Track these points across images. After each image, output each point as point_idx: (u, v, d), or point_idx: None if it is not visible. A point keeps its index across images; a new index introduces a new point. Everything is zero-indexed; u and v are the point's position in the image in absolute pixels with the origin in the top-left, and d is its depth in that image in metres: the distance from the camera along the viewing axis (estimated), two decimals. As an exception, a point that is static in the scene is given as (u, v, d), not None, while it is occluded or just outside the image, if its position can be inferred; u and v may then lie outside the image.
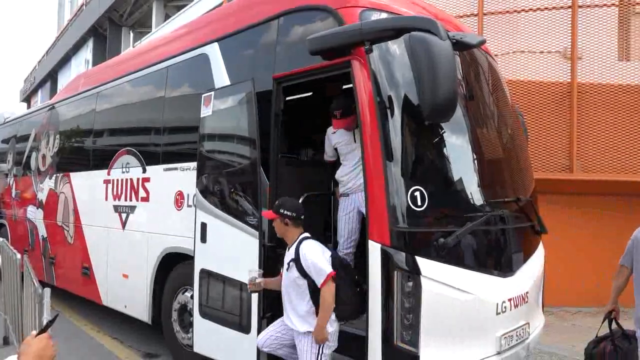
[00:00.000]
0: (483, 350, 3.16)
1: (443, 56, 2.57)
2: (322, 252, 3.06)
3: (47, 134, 7.55)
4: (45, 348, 1.39)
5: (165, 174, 4.74)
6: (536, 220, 3.88)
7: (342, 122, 3.81)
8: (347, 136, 3.86)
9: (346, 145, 3.87)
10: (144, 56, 5.69)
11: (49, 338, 1.43)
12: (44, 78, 30.27)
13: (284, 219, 3.16)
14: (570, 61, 6.83)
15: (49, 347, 1.40)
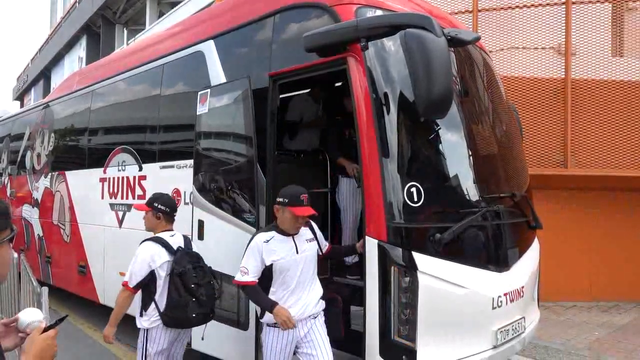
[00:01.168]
0: (479, 345, 3.19)
1: (438, 53, 2.59)
2: (148, 260, 3.05)
3: (41, 133, 7.52)
4: (48, 348, 1.38)
5: (162, 171, 4.74)
6: (531, 215, 3.91)
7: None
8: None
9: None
10: (140, 54, 5.68)
11: (53, 337, 1.41)
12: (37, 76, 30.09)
13: (157, 213, 3.23)
14: (564, 57, 6.86)
15: (52, 346, 1.39)
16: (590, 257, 6.88)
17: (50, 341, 1.39)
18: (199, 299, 3.02)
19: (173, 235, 3.23)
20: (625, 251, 6.92)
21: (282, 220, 2.98)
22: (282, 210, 2.95)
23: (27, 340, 1.40)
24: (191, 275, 3.03)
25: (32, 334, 1.42)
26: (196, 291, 3.02)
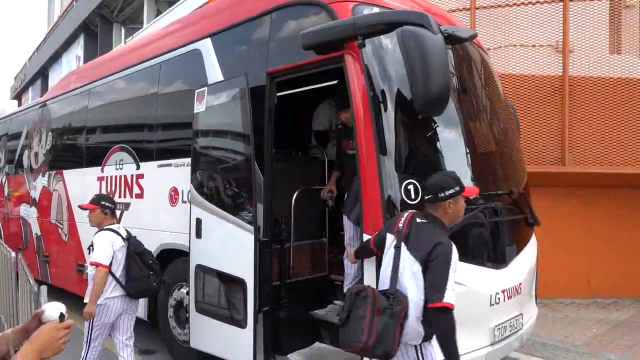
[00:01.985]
0: (477, 341, 3.20)
1: (435, 50, 2.59)
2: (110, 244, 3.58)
3: (39, 132, 7.51)
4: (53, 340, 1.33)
5: (159, 170, 4.74)
6: (529, 212, 3.91)
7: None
8: None
9: None
10: (137, 52, 5.67)
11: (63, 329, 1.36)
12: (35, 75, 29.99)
13: (105, 210, 3.74)
14: (561, 54, 6.87)
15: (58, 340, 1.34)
16: (588, 254, 6.90)
17: (56, 333, 1.34)
18: (156, 272, 3.74)
19: (119, 227, 3.78)
20: (623, 248, 6.94)
21: (455, 212, 2.54)
22: (456, 202, 2.51)
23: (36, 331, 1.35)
24: (148, 254, 3.78)
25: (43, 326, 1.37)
26: (152, 266, 3.73)
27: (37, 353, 1.30)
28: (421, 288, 2.35)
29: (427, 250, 2.35)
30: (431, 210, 2.55)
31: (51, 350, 1.33)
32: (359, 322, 2.33)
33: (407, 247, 2.43)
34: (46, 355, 1.32)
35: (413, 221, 2.50)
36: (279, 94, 3.70)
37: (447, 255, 2.34)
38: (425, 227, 2.46)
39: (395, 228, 2.54)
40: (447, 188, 2.49)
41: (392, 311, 2.31)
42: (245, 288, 3.57)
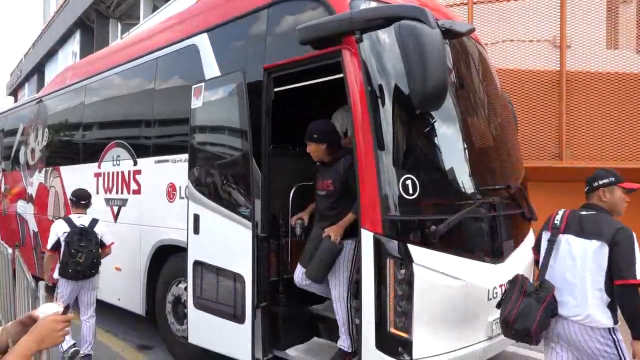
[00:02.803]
0: (475, 336, 3.21)
1: (433, 45, 2.59)
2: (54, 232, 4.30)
3: (35, 128, 7.48)
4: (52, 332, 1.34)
5: (157, 166, 4.72)
6: (526, 207, 3.92)
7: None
8: None
9: None
10: (133, 48, 5.64)
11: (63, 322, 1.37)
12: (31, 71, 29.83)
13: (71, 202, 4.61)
14: (559, 49, 6.87)
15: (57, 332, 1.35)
16: (585, 248, 6.90)
17: (55, 325, 1.35)
18: (76, 260, 4.15)
19: (80, 217, 4.42)
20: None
21: (612, 201, 2.75)
22: (611, 192, 2.74)
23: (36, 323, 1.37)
24: (74, 243, 4.17)
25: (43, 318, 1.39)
26: (75, 255, 4.14)
27: (36, 343, 1.32)
28: (602, 268, 2.51)
29: (610, 234, 2.53)
30: (593, 201, 2.77)
31: (50, 342, 1.35)
32: (508, 300, 2.66)
33: (577, 235, 2.63)
34: (44, 346, 1.34)
35: (574, 215, 2.74)
36: (277, 89, 3.68)
37: (631, 237, 2.54)
38: (595, 217, 2.66)
39: (550, 225, 2.82)
40: (600, 178, 2.75)
41: (538, 295, 2.58)
42: (243, 284, 3.57)
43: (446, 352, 3.04)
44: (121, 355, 4.70)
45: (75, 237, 4.20)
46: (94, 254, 4.24)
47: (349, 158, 3.22)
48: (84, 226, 4.32)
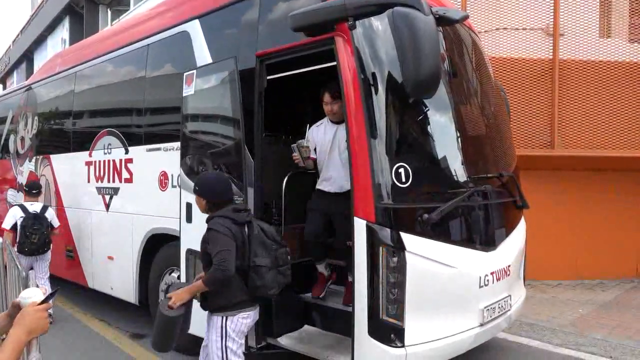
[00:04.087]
0: (466, 322, 3.24)
1: (426, 31, 2.57)
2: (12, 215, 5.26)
3: (24, 116, 7.38)
4: (38, 320, 1.38)
5: (149, 154, 4.69)
6: (518, 195, 3.94)
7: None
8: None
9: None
10: (124, 34, 5.56)
11: (44, 310, 1.42)
12: (19, 58, 29.37)
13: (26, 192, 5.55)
14: (552, 38, 6.87)
15: (41, 319, 1.39)
16: (576, 236, 6.99)
17: (40, 313, 1.39)
18: (31, 240, 5.09)
19: (32, 204, 5.34)
20: (609, 230, 7.04)
21: None
22: None
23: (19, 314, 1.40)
24: (29, 227, 5.11)
25: (24, 308, 1.42)
26: (29, 236, 5.09)
27: (25, 334, 1.35)
28: None
29: None
30: None
31: (39, 330, 1.39)
32: None
33: None
34: (33, 335, 1.37)
35: None
36: (270, 77, 3.65)
37: None
38: None
39: None
40: None
41: None
42: (236, 272, 3.56)
43: (438, 338, 3.07)
44: (114, 344, 4.70)
45: (30, 221, 5.15)
46: (45, 235, 5.21)
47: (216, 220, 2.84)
48: (36, 212, 5.26)
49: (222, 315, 2.79)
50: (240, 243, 2.77)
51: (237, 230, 2.79)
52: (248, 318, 2.86)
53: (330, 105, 3.64)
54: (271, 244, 2.87)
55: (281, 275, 2.89)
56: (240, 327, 2.82)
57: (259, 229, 2.88)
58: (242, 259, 2.78)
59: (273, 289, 2.85)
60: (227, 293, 2.77)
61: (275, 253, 2.87)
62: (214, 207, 2.91)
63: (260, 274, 2.77)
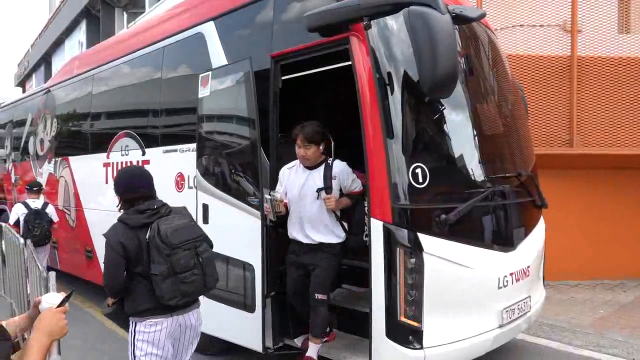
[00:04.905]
0: (485, 324, 3.20)
1: (443, 30, 2.54)
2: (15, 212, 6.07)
3: (44, 118, 7.50)
4: (57, 323, 1.41)
5: (165, 156, 4.72)
6: (537, 194, 3.88)
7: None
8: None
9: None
10: (140, 37, 5.62)
11: (62, 313, 1.45)
12: (38, 62, 29.91)
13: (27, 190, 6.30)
14: (570, 34, 6.76)
15: (60, 321, 1.42)
16: (596, 235, 6.87)
17: (58, 316, 1.43)
18: (33, 234, 5.74)
19: (34, 201, 6.09)
20: (630, 230, 6.90)
21: None
22: None
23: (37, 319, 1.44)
24: (31, 222, 5.88)
25: (42, 313, 1.46)
26: (32, 230, 5.81)
27: (47, 337, 1.38)
28: None
29: None
30: None
31: (58, 333, 1.41)
32: None
33: None
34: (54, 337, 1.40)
35: None
36: (284, 77, 3.65)
37: None
38: None
39: None
40: None
41: None
42: (253, 273, 3.58)
43: (457, 340, 3.04)
44: (133, 343, 4.74)
45: (32, 216, 5.87)
46: (45, 228, 5.96)
47: None
48: (38, 208, 6.00)
49: (132, 320, 2.61)
50: (134, 249, 2.50)
51: (131, 236, 2.51)
52: (157, 325, 2.53)
53: (303, 150, 3.40)
54: (164, 248, 2.45)
55: (185, 283, 2.47)
56: (149, 335, 2.54)
57: (156, 231, 2.49)
58: (142, 265, 2.51)
59: (173, 299, 2.46)
60: (131, 301, 2.57)
61: (169, 259, 2.45)
62: (125, 204, 2.67)
63: (156, 283, 2.45)
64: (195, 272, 2.52)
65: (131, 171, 3.07)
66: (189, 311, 2.64)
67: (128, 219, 2.57)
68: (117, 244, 2.50)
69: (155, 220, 2.54)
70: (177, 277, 2.46)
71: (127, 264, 2.51)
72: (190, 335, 2.70)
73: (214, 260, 2.67)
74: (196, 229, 2.66)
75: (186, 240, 2.52)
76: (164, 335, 2.56)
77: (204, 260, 2.55)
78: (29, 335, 1.41)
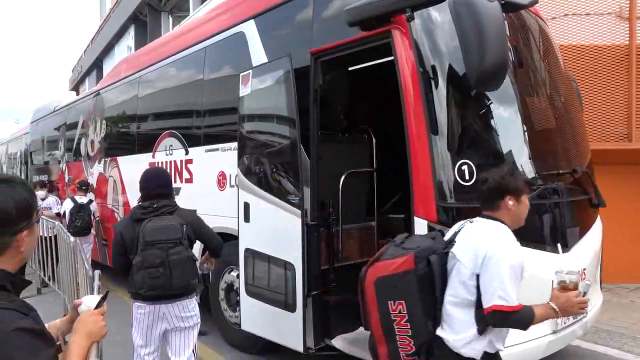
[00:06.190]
0: (538, 329, 3.00)
1: (491, 18, 2.40)
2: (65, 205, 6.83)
3: (94, 120, 7.78)
4: (96, 325, 1.41)
5: (207, 155, 4.77)
6: (593, 193, 3.65)
7: None
8: None
9: None
10: (182, 38, 5.71)
11: (100, 315, 1.46)
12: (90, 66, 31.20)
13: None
14: (627, 21, 6.35)
15: (98, 322, 1.42)
16: (657, 236, 6.43)
17: (96, 317, 1.43)
18: (74, 224, 6.55)
19: (80, 198, 6.81)
20: (696, 230, 6.42)
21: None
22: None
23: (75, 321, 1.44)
24: (75, 213, 6.63)
25: (80, 315, 1.47)
26: (74, 220, 6.58)
27: (86, 340, 1.38)
28: None
29: None
30: None
31: (97, 335, 1.41)
32: None
33: None
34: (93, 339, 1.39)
35: None
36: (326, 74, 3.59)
37: None
38: None
39: None
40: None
41: None
42: (294, 272, 3.54)
43: (508, 345, 2.88)
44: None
45: (76, 209, 6.68)
46: (86, 221, 6.70)
47: None
48: (83, 203, 6.78)
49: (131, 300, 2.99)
50: (129, 239, 2.88)
51: (130, 227, 2.90)
52: (141, 309, 2.91)
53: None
54: (141, 242, 2.79)
55: (152, 278, 2.77)
56: (137, 315, 2.94)
57: (143, 226, 2.83)
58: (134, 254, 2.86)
59: (142, 289, 2.82)
60: (128, 281, 2.97)
61: (142, 253, 2.79)
62: (142, 200, 3.05)
63: (133, 272, 2.84)
64: (160, 270, 2.78)
65: (149, 172, 3.26)
66: (172, 302, 2.90)
67: (131, 213, 3.00)
68: (118, 233, 2.96)
69: (149, 217, 2.87)
70: (146, 271, 2.77)
71: (125, 251, 2.92)
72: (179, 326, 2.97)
73: (188, 263, 2.86)
74: (174, 232, 2.85)
75: (159, 240, 2.79)
76: (150, 320, 2.91)
77: (171, 261, 2.79)
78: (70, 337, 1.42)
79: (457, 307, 2.07)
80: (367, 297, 2.22)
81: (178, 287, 2.86)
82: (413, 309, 2.09)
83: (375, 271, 2.19)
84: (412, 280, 2.08)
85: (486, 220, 2.16)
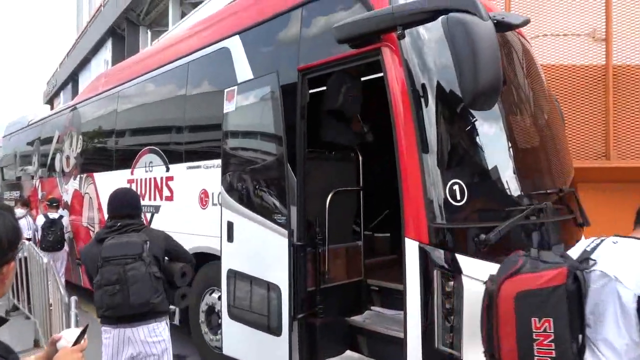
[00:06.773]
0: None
1: (485, 38, 2.38)
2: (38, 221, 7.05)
3: (70, 135, 7.56)
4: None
5: (189, 172, 4.65)
6: (578, 212, 3.65)
7: None
8: None
9: None
10: (164, 53, 5.61)
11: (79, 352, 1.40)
12: (66, 80, 30.68)
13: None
14: (603, 42, 6.51)
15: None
16: (636, 253, 6.51)
17: (76, 356, 1.38)
18: (47, 239, 6.87)
19: (51, 214, 7.04)
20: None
21: None
22: None
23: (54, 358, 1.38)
24: (46, 228, 6.88)
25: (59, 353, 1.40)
26: (46, 236, 6.84)
27: None
28: None
29: None
30: None
31: None
32: None
33: None
34: None
35: None
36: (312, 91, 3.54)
37: None
38: None
39: None
40: None
41: None
42: (279, 294, 3.43)
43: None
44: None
45: (47, 225, 6.90)
46: (58, 235, 6.92)
47: None
48: (54, 218, 6.98)
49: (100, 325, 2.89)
50: (90, 259, 2.83)
51: (93, 248, 2.84)
52: (107, 334, 2.81)
53: None
54: (99, 260, 2.74)
55: (109, 296, 2.68)
56: (104, 341, 2.81)
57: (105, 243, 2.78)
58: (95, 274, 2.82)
59: (101, 308, 2.73)
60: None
61: (100, 270, 2.72)
62: (109, 220, 3.00)
63: (94, 292, 2.77)
64: (117, 287, 2.67)
65: (117, 192, 3.15)
66: (136, 325, 2.76)
67: (96, 234, 2.99)
68: (82, 254, 2.99)
69: (113, 235, 2.81)
70: (103, 289, 2.68)
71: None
72: (145, 351, 2.80)
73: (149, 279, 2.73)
74: (133, 248, 2.76)
75: (114, 255, 2.71)
76: (115, 344, 2.77)
77: (129, 277, 2.67)
78: None
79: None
80: (502, 314, 2.01)
81: (137, 306, 2.70)
82: (561, 328, 1.92)
83: (516, 285, 2.00)
84: (563, 296, 1.93)
85: None
